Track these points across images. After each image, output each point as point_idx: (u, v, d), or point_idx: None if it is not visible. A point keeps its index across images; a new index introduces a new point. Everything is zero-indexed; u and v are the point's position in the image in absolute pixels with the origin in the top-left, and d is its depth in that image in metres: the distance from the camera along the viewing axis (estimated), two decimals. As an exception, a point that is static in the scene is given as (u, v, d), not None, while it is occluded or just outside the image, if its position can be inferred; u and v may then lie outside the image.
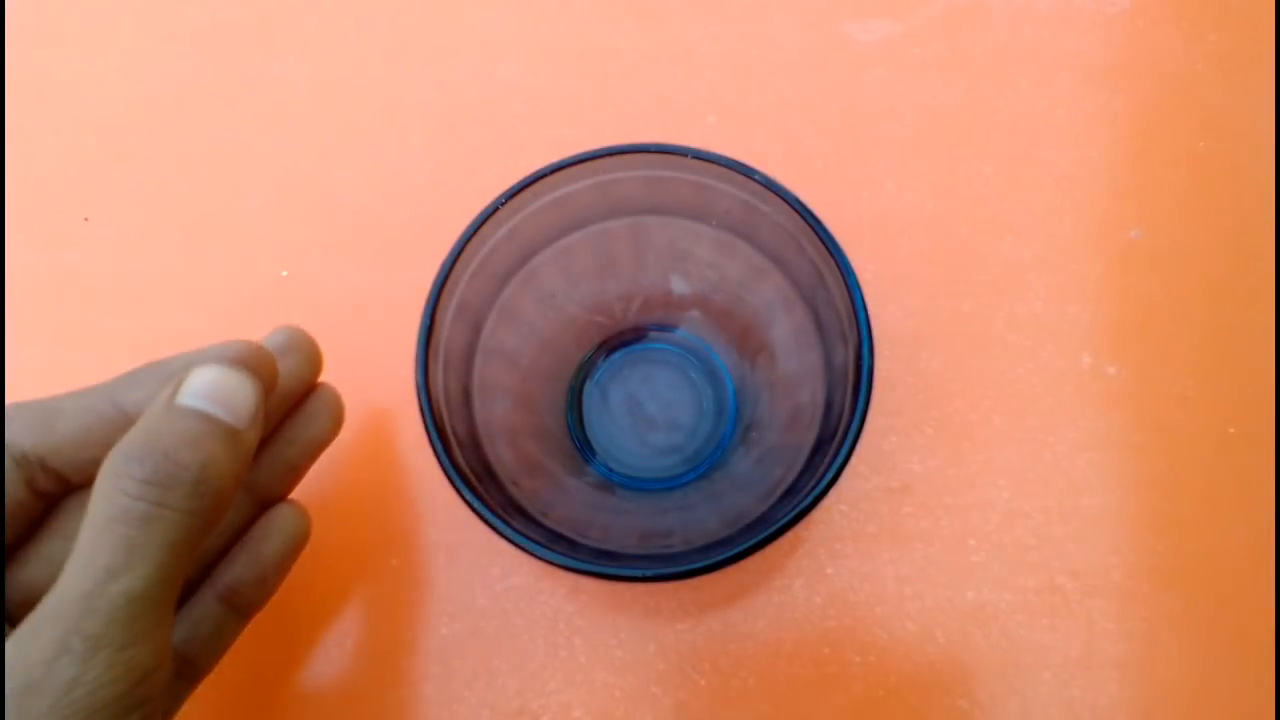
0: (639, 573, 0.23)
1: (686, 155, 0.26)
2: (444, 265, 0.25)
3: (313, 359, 0.28)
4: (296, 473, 0.29)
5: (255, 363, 0.24)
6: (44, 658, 0.19)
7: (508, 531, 0.23)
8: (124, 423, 0.23)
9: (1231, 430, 0.32)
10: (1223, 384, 0.33)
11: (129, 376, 0.24)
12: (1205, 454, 0.32)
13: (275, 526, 0.28)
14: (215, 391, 0.22)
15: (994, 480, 0.32)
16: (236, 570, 0.27)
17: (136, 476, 0.20)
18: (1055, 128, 0.36)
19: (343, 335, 0.33)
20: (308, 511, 0.29)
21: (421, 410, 0.24)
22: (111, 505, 0.20)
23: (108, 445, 0.22)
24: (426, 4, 0.39)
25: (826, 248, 0.25)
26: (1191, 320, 0.34)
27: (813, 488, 0.23)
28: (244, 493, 0.28)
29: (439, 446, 0.24)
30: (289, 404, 0.28)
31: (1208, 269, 0.34)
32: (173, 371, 0.24)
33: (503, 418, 0.29)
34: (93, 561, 0.20)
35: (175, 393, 0.22)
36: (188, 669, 0.26)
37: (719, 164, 0.26)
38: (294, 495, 0.30)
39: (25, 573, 0.24)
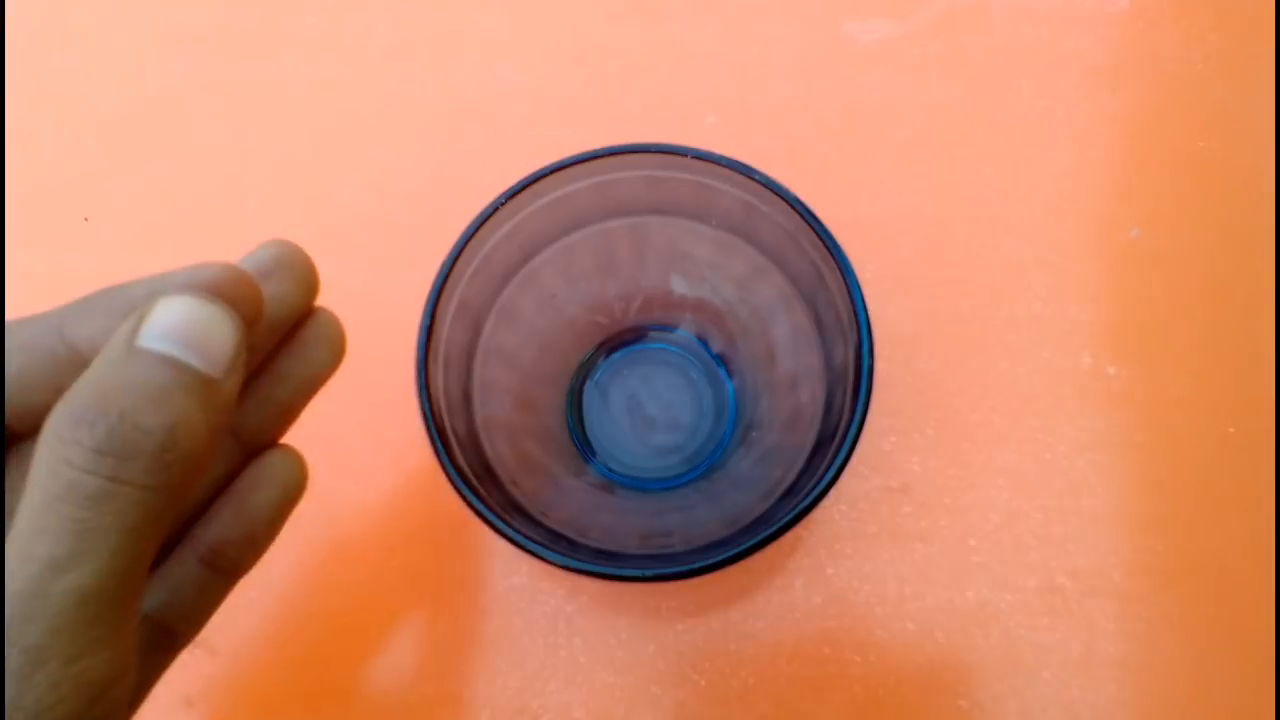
0: (639, 573, 0.23)
1: (686, 155, 0.26)
2: (444, 265, 0.25)
3: (306, 279, 0.23)
4: (290, 414, 0.24)
5: (235, 291, 0.19)
6: None
7: (508, 531, 0.23)
8: (75, 363, 0.19)
9: (1231, 430, 0.32)
10: (1223, 384, 0.33)
11: (80, 304, 0.20)
12: (1205, 454, 0.32)
13: (265, 476, 0.23)
14: (185, 330, 0.18)
15: (994, 480, 0.32)
16: (221, 527, 0.22)
17: (86, 444, 0.16)
18: (1055, 128, 0.36)
19: (350, 334, 0.33)
20: (302, 457, 0.24)
21: (422, 410, 0.24)
22: (55, 480, 0.16)
23: (56, 390, 0.17)
24: (426, 4, 0.39)
25: (826, 248, 0.25)
26: (1191, 320, 0.34)
27: (813, 488, 0.23)
28: (227, 436, 0.23)
29: (439, 446, 0.24)
30: (279, 333, 0.23)
31: (1208, 269, 0.34)
32: (133, 301, 0.19)
33: (503, 418, 0.29)
34: (33, 552, 0.15)
35: (136, 332, 0.17)
36: (166, 639, 0.22)
37: (719, 164, 0.26)
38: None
39: None
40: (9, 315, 0.36)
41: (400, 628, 0.31)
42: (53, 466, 0.16)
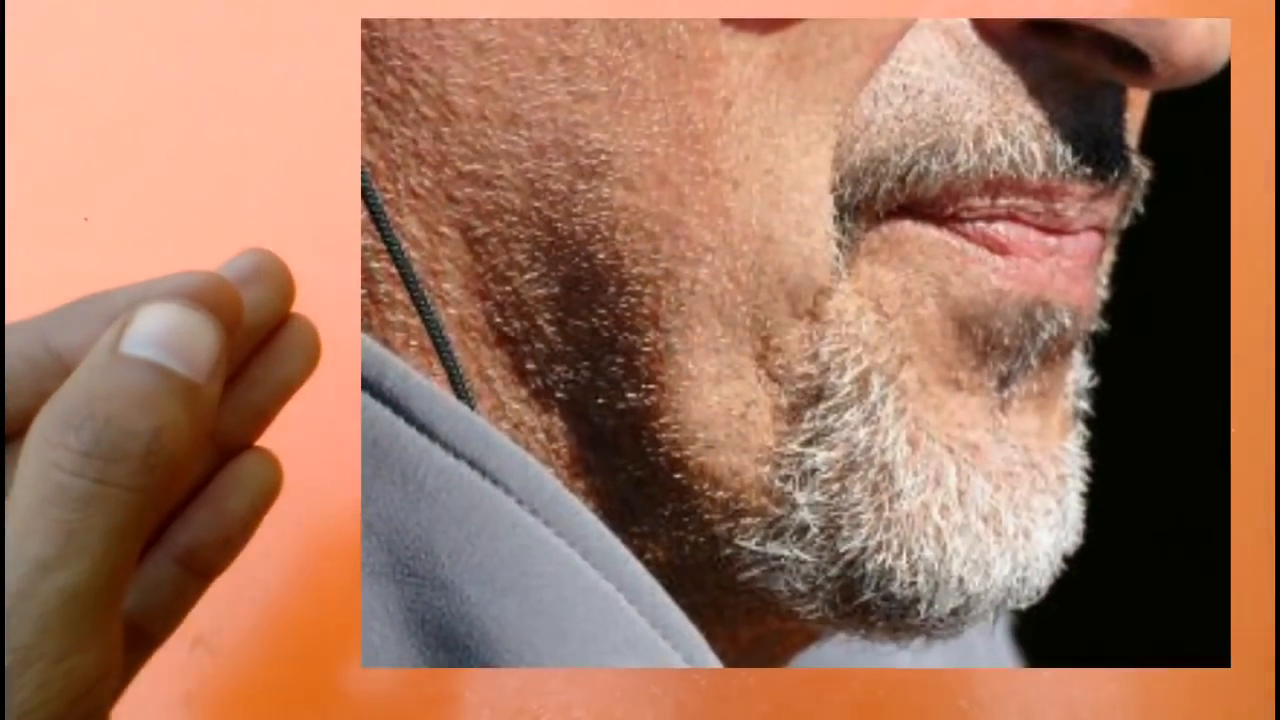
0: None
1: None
2: (444, 265, 0.25)
3: (283, 286, 0.24)
4: (264, 418, 0.24)
5: (216, 298, 0.20)
6: None
7: (508, 531, 0.23)
8: (59, 370, 0.19)
9: (1232, 430, 0.32)
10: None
11: (63, 311, 0.21)
12: (1205, 454, 0.32)
13: (241, 479, 0.23)
14: (169, 336, 0.18)
15: (994, 480, 0.32)
16: (196, 529, 0.23)
17: (74, 447, 0.16)
18: (1055, 127, 0.36)
19: (343, 335, 0.33)
20: (277, 459, 0.24)
21: (421, 410, 0.24)
22: (43, 483, 0.16)
23: (41, 395, 0.18)
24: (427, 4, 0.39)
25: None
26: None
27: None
28: (205, 441, 0.23)
29: (439, 446, 0.24)
30: (256, 339, 0.23)
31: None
32: (116, 308, 0.19)
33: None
34: (21, 553, 0.16)
35: (120, 338, 0.18)
36: (141, 640, 0.22)
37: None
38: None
39: None
40: (9, 315, 0.36)
41: (400, 628, 0.31)
42: (40, 469, 0.17)
